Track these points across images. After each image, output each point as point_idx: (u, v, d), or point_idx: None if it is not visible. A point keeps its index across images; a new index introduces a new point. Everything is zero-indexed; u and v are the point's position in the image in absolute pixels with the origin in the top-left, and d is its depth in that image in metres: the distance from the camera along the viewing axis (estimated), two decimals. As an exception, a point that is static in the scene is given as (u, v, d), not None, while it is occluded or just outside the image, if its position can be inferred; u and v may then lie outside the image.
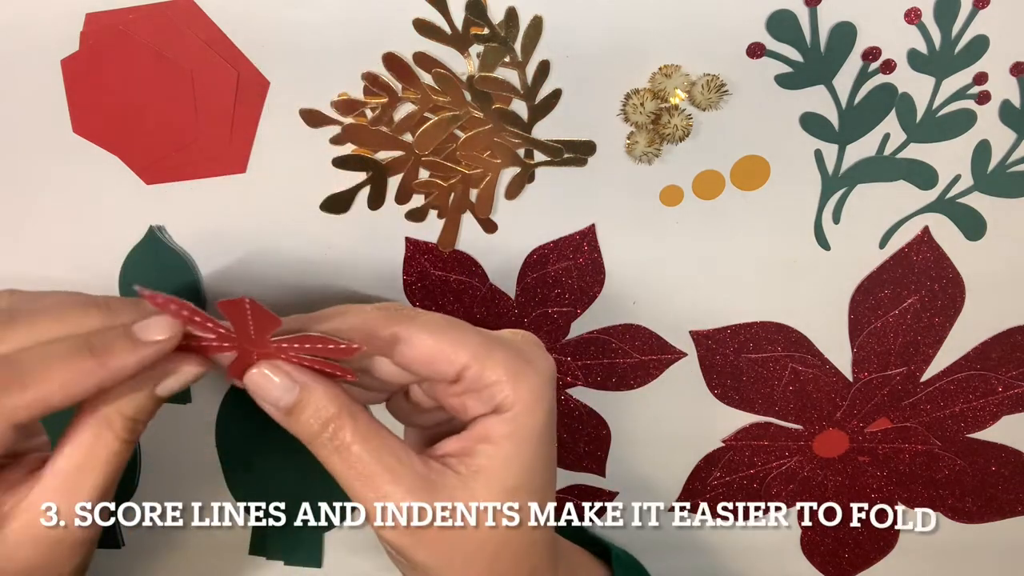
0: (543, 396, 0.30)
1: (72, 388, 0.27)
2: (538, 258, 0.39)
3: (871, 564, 0.49)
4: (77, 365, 0.27)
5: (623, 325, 0.41)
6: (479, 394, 0.30)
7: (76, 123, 0.35)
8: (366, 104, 0.35)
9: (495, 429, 0.30)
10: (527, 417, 0.30)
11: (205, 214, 0.37)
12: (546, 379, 0.31)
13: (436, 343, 0.30)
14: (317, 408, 0.29)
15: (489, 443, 0.30)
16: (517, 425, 0.30)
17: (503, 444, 0.30)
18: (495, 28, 0.33)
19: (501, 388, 0.30)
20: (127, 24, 0.33)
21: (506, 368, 0.30)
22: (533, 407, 0.30)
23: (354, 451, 0.29)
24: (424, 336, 0.30)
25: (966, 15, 0.34)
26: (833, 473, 0.46)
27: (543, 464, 0.31)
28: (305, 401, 0.29)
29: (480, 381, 0.30)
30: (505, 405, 0.30)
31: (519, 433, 0.30)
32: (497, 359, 0.30)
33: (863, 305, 0.41)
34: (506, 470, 0.30)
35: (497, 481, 0.30)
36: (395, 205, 0.37)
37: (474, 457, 0.30)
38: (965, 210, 0.39)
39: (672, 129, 0.35)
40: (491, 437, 0.30)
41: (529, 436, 0.30)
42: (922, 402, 0.44)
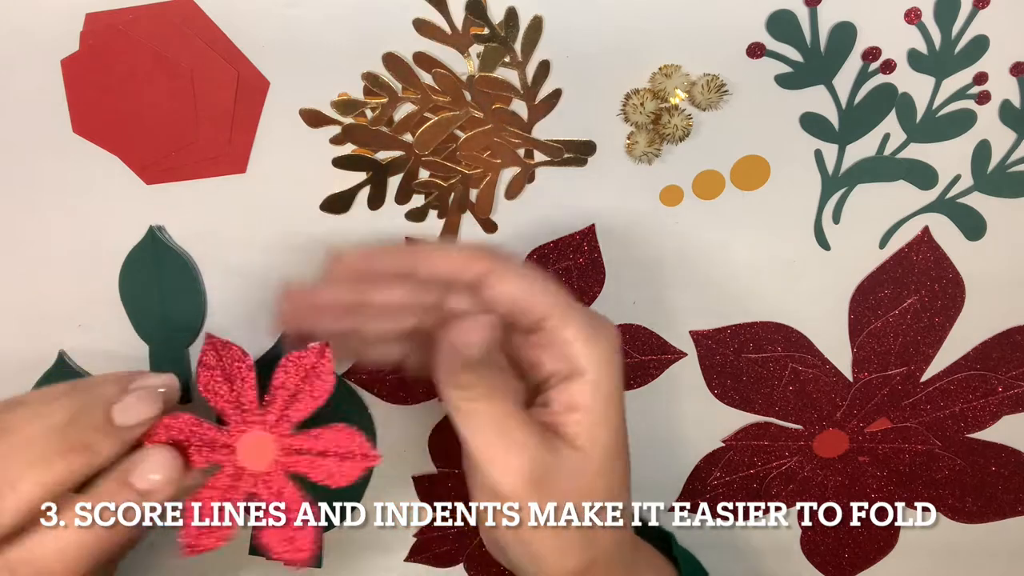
0: (615, 360, 0.32)
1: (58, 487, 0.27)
2: (538, 258, 0.39)
3: (871, 564, 0.49)
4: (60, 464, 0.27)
5: (623, 325, 0.41)
6: (554, 349, 0.31)
7: (76, 123, 0.35)
8: (366, 104, 0.35)
9: (580, 396, 0.31)
10: (606, 380, 0.31)
11: (205, 214, 0.37)
12: (616, 344, 0.32)
13: (525, 284, 0.31)
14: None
15: (577, 411, 0.31)
16: (599, 389, 0.31)
17: (593, 408, 0.31)
18: (495, 28, 0.33)
19: (578, 347, 0.31)
20: (127, 24, 0.33)
21: (581, 327, 0.31)
22: (608, 370, 0.31)
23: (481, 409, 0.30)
24: (515, 276, 0.31)
25: (966, 15, 0.34)
26: (833, 473, 0.46)
27: (624, 428, 0.33)
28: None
29: (557, 335, 0.31)
30: (582, 366, 0.31)
31: (602, 396, 0.31)
32: (574, 316, 0.31)
33: (863, 305, 0.41)
34: (601, 433, 0.31)
35: (596, 444, 0.31)
36: (395, 205, 0.37)
37: (568, 427, 0.31)
38: (965, 210, 0.39)
39: (672, 129, 0.35)
40: (577, 405, 0.31)
41: (611, 399, 0.31)
42: (922, 402, 0.44)
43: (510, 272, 0.31)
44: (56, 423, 0.28)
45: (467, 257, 0.31)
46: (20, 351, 0.38)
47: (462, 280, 0.31)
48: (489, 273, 0.31)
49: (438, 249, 0.32)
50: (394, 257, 0.32)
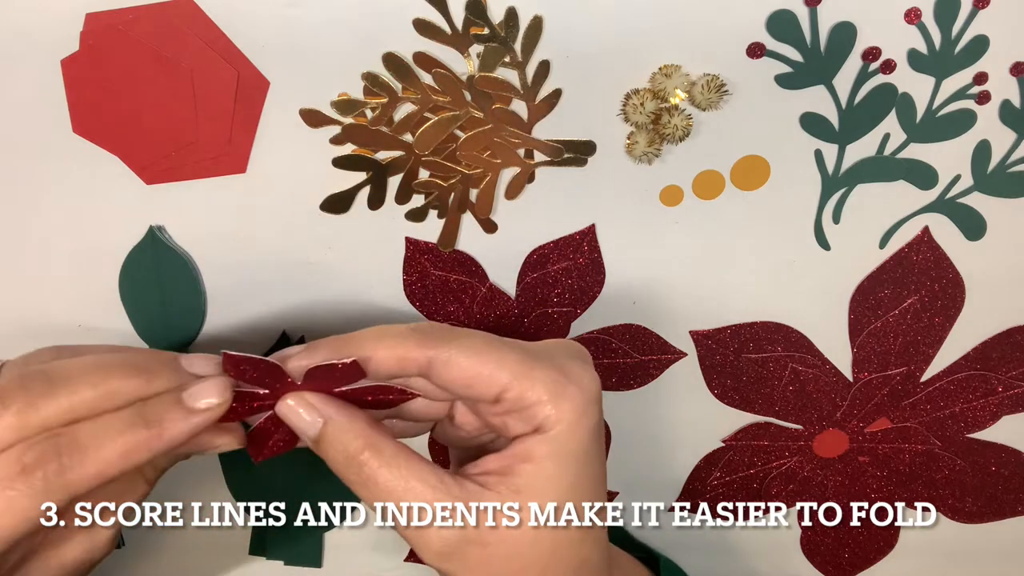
0: (587, 414, 0.30)
1: (128, 461, 0.27)
2: (538, 258, 0.39)
3: (871, 564, 0.49)
4: (133, 439, 0.27)
5: (623, 325, 0.41)
6: (520, 414, 0.30)
7: (76, 123, 0.35)
8: (366, 104, 0.35)
9: (536, 449, 0.29)
10: (569, 436, 0.29)
11: (205, 214, 0.37)
12: (590, 397, 0.30)
13: (474, 365, 0.29)
14: (341, 441, 0.29)
15: (530, 462, 0.29)
16: (559, 444, 0.29)
17: (544, 464, 0.29)
18: (495, 28, 0.33)
19: (542, 408, 0.29)
20: (127, 24, 0.33)
21: (546, 387, 0.29)
22: (575, 426, 0.29)
23: (381, 480, 0.29)
24: (462, 358, 0.29)
25: (966, 15, 0.34)
26: (833, 473, 0.46)
27: (589, 482, 0.30)
28: (329, 435, 0.29)
29: (521, 402, 0.29)
30: (547, 425, 0.29)
31: (561, 452, 0.29)
32: (537, 378, 0.29)
33: (863, 305, 0.41)
34: (549, 490, 0.29)
35: (540, 501, 0.29)
36: (395, 205, 0.37)
37: (514, 476, 0.29)
38: (965, 210, 0.39)
39: (672, 129, 0.35)
40: (532, 456, 0.29)
41: (571, 455, 0.29)
42: (922, 402, 0.44)
43: (455, 356, 0.29)
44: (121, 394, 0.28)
45: (402, 351, 0.29)
46: (20, 351, 0.38)
47: (406, 374, 0.30)
48: (432, 363, 0.29)
49: (374, 341, 0.29)
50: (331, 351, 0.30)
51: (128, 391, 0.28)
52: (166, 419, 0.28)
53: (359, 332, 0.30)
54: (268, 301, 0.39)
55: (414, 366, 0.30)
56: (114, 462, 0.27)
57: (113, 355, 0.29)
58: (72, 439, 0.27)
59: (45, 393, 0.27)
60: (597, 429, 0.30)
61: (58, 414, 0.27)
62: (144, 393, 0.28)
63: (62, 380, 0.27)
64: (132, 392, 0.28)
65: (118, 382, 0.28)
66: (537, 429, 0.29)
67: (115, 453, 0.27)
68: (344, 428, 0.29)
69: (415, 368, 0.30)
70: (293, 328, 0.40)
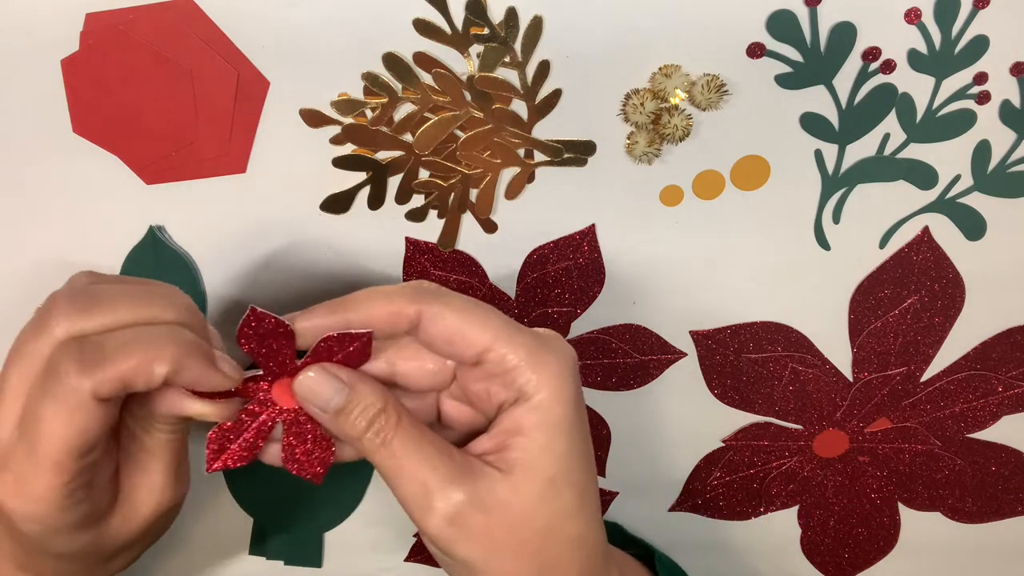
0: (567, 381, 0.30)
1: (147, 371, 0.27)
2: (538, 258, 0.39)
3: (871, 564, 0.49)
4: (157, 352, 0.27)
5: (623, 325, 0.41)
6: (502, 379, 0.30)
7: (76, 123, 0.35)
8: (366, 104, 0.35)
9: (524, 419, 0.30)
10: (554, 404, 0.30)
11: (205, 214, 0.37)
12: (568, 364, 0.31)
13: (459, 322, 0.30)
14: (365, 406, 0.30)
15: (521, 435, 0.30)
16: (545, 413, 0.30)
17: (534, 434, 0.30)
18: (495, 28, 0.33)
19: (523, 372, 0.30)
20: (127, 24, 0.33)
21: (528, 351, 0.30)
22: (558, 393, 0.30)
23: (395, 445, 0.30)
24: (448, 313, 0.30)
25: (966, 15, 0.34)
26: (833, 473, 0.46)
27: (579, 454, 0.31)
28: (354, 401, 0.30)
29: (502, 364, 0.30)
30: (528, 391, 0.30)
31: (548, 421, 0.30)
32: (518, 342, 0.30)
33: (863, 305, 0.41)
34: (543, 460, 0.30)
35: (536, 472, 0.30)
36: (395, 205, 0.37)
37: (509, 451, 0.30)
38: (965, 210, 0.39)
39: (672, 129, 0.35)
40: (522, 428, 0.30)
41: (559, 423, 0.30)
42: (922, 402, 0.44)
43: (441, 310, 0.30)
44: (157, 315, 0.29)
45: (394, 307, 0.30)
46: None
47: (398, 330, 0.31)
48: (420, 316, 0.30)
49: (367, 300, 0.31)
50: (326, 313, 0.31)
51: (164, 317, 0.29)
52: (192, 352, 0.28)
53: (352, 294, 0.31)
54: (268, 301, 0.39)
55: (405, 321, 0.31)
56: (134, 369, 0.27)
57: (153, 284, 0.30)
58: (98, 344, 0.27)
59: (87, 305, 0.28)
60: (579, 399, 0.31)
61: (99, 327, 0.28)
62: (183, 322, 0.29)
63: (106, 297, 0.28)
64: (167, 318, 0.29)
65: (157, 309, 0.29)
66: (520, 397, 0.30)
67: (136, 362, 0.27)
68: (368, 391, 0.30)
69: (406, 323, 0.31)
70: (293, 328, 0.40)
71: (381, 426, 0.30)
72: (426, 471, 0.29)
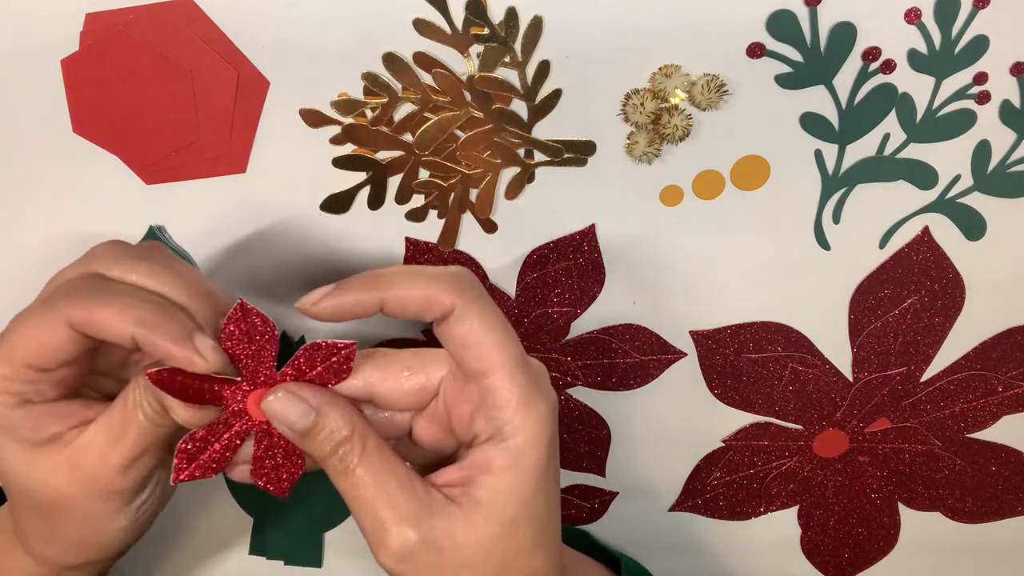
0: (546, 426, 0.30)
1: (119, 324, 0.28)
2: (538, 258, 0.39)
3: (871, 564, 0.49)
4: (133, 312, 0.28)
5: (623, 325, 0.41)
6: (485, 412, 0.30)
7: (76, 123, 0.35)
8: (366, 104, 0.35)
9: (496, 459, 0.30)
10: (529, 448, 0.30)
11: (205, 214, 0.37)
12: (550, 408, 0.30)
13: (483, 335, 0.30)
14: (331, 431, 0.30)
15: (490, 474, 0.30)
16: (518, 456, 0.30)
17: (504, 475, 0.30)
18: (495, 28, 0.33)
19: (507, 413, 0.30)
20: (127, 24, 0.33)
21: (520, 392, 0.30)
22: (536, 439, 0.30)
23: (358, 474, 0.30)
24: (476, 322, 0.30)
25: (966, 15, 0.34)
26: (833, 473, 0.46)
27: (545, 496, 0.31)
28: (320, 425, 0.30)
29: (494, 395, 0.30)
30: (507, 432, 0.30)
31: (520, 465, 0.30)
32: (517, 381, 0.30)
33: (863, 305, 0.41)
34: (507, 500, 0.30)
35: (497, 513, 0.30)
36: (395, 205, 0.37)
37: (475, 487, 0.30)
38: (965, 210, 0.39)
39: (672, 129, 0.35)
40: (492, 467, 0.30)
41: (530, 468, 0.30)
42: (922, 402, 0.44)
43: (472, 314, 0.30)
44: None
45: (432, 293, 0.30)
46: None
47: (425, 316, 0.30)
48: (452, 310, 0.30)
49: (406, 279, 0.30)
50: (362, 289, 0.30)
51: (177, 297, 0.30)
52: (169, 327, 0.29)
53: (391, 268, 0.31)
54: (268, 301, 0.39)
55: (438, 309, 0.30)
56: (103, 318, 0.29)
57: (177, 264, 0.32)
58: (94, 285, 0.30)
59: (120, 262, 0.30)
60: (553, 441, 0.31)
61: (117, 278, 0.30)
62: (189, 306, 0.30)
63: (136, 259, 0.31)
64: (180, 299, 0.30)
65: (168, 287, 0.30)
66: (497, 435, 0.30)
67: (111, 313, 0.28)
68: (336, 417, 0.30)
69: (439, 311, 0.30)
70: (293, 328, 0.40)
71: (346, 452, 0.30)
72: (383, 507, 0.29)
